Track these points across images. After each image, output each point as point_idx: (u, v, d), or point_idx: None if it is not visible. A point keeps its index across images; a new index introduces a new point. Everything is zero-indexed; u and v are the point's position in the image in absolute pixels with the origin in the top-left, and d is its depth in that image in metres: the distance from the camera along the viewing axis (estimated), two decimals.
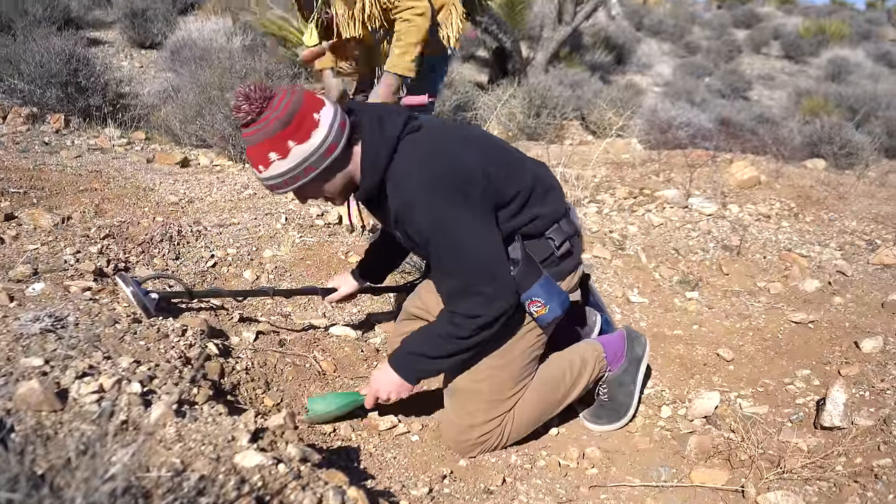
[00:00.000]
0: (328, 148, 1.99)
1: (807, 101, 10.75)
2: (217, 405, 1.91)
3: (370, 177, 2.09)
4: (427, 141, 2.12)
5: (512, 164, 2.24)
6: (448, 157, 2.09)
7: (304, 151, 1.97)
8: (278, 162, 1.97)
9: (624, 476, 2.34)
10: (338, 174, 2.08)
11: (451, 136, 2.20)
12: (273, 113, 1.94)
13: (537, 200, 2.24)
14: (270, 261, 3.31)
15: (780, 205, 4.73)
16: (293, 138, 1.95)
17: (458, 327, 2.11)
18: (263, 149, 1.96)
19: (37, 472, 1.25)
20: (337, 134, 2.00)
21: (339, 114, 2.03)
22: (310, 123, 1.96)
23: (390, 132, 2.08)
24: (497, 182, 2.13)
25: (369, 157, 2.07)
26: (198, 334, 2.42)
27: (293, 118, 1.94)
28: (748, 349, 3.04)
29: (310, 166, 1.99)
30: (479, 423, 2.33)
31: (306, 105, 1.97)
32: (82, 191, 3.73)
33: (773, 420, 2.57)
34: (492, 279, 2.08)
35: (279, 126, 1.93)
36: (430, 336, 2.19)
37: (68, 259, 2.79)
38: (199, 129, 5.22)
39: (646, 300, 3.49)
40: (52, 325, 2.10)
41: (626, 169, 5.36)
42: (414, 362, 2.22)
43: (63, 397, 1.71)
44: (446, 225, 2.03)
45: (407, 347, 2.24)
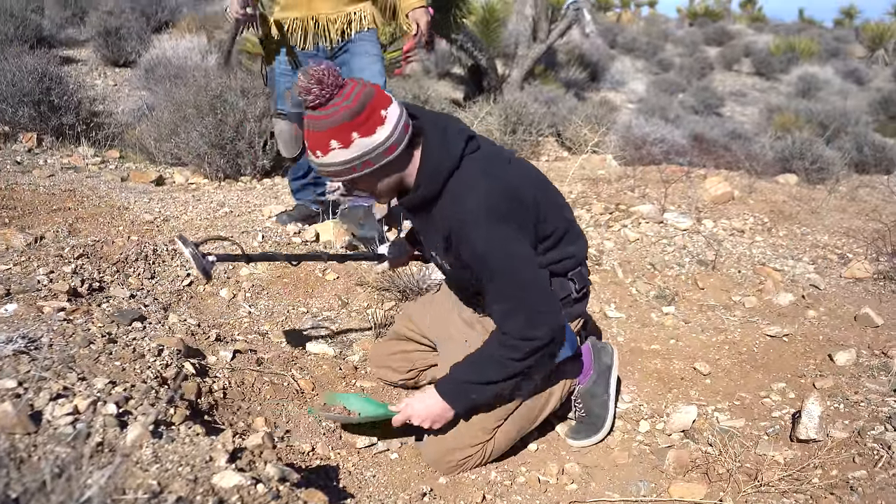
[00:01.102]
0: (389, 147, 1.98)
1: (778, 117, 10.90)
2: (194, 425, 1.89)
3: (428, 187, 2.08)
4: (487, 163, 2.12)
5: (554, 201, 2.30)
6: (508, 182, 2.10)
7: (367, 145, 1.95)
8: (339, 151, 1.96)
9: (603, 491, 2.35)
10: (393, 174, 2.07)
11: (507, 161, 2.22)
12: (343, 101, 1.92)
13: (570, 241, 2.30)
14: (247, 279, 3.29)
15: (753, 219, 4.79)
16: (358, 130, 1.93)
17: (513, 349, 2.08)
18: (326, 136, 1.94)
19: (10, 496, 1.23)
20: (400, 135, 2.00)
21: (405, 115, 2.03)
22: (377, 119, 1.95)
23: (455, 148, 2.08)
24: (543, 214, 2.17)
25: (430, 167, 2.07)
26: (174, 354, 2.40)
27: (362, 110, 1.93)
28: (724, 363, 3.07)
29: (369, 161, 1.98)
30: (463, 447, 2.33)
31: (376, 100, 1.96)
32: (55, 210, 3.70)
33: (749, 433, 2.59)
34: (545, 303, 2.09)
35: (347, 116, 1.92)
36: (481, 361, 2.15)
37: (41, 279, 2.76)
38: (175, 147, 5.20)
39: (623, 315, 3.51)
40: (26, 347, 2.07)
41: (602, 185, 5.40)
42: (465, 390, 2.18)
43: (37, 419, 1.68)
44: (504, 248, 2.04)
45: (455, 375, 2.19)
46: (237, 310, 3.12)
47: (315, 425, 2.45)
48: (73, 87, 5.84)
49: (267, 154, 5.11)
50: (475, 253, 2.05)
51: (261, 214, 4.07)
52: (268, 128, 5.08)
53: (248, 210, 4.16)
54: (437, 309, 2.62)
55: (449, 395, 2.19)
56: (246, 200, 4.38)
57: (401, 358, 2.73)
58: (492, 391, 2.18)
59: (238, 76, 5.61)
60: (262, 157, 5.11)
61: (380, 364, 2.79)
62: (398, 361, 2.74)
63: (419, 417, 2.21)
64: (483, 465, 2.40)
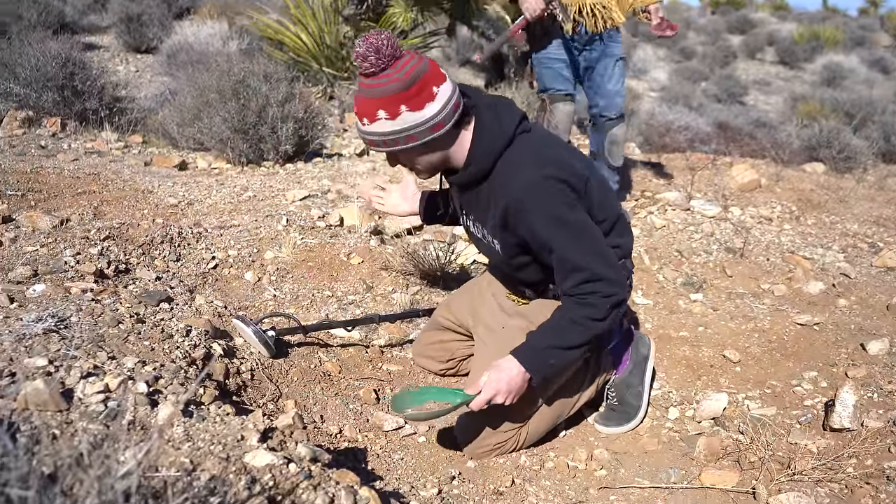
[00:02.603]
0: (436, 124, 1.97)
1: (803, 106, 10.76)
2: (224, 405, 1.89)
3: (479, 164, 2.07)
4: (540, 142, 2.12)
5: (606, 187, 2.29)
6: (562, 159, 2.08)
7: (413, 120, 1.94)
8: (385, 121, 1.95)
9: (633, 478, 2.32)
10: (437, 151, 2.06)
11: (560, 142, 2.21)
12: (397, 73, 1.90)
13: (619, 232, 2.28)
14: (272, 262, 3.29)
15: (781, 208, 4.73)
16: (407, 104, 1.92)
17: (594, 308, 2.04)
18: (375, 104, 1.93)
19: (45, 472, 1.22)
20: (448, 114, 1.98)
21: (457, 95, 2.01)
22: (427, 94, 1.94)
23: (507, 126, 2.07)
24: (596, 198, 2.15)
25: (483, 145, 2.06)
26: (202, 335, 2.39)
27: (414, 84, 1.91)
28: (754, 351, 3.03)
29: (412, 136, 1.96)
30: (498, 432, 2.31)
31: (430, 75, 1.94)
32: (80, 193, 3.70)
33: (781, 421, 2.55)
34: (612, 266, 2.07)
35: (399, 87, 1.90)
36: (561, 325, 2.11)
37: (68, 260, 2.77)
38: (197, 133, 5.19)
39: (650, 302, 3.48)
40: (55, 326, 2.07)
41: (626, 172, 5.35)
42: (545, 356, 2.11)
43: (68, 397, 1.68)
44: (565, 221, 2.02)
45: (533, 342, 2.13)
46: (262, 293, 3.11)
47: (342, 407, 2.44)
48: (96, 72, 5.86)
49: (290, 139, 5.09)
50: (536, 225, 2.02)
51: (284, 199, 4.06)
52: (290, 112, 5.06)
53: (272, 195, 4.15)
54: (476, 298, 2.60)
55: (530, 363, 2.10)
56: (269, 185, 4.37)
57: (440, 348, 2.72)
58: (570, 357, 2.13)
59: (260, 61, 5.59)
60: (285, 143, 5.09)
61: (420, 354, 2.79)
62: (437, 351, 2.73)
63: (503, 394, 2.11)
64: (516, 451, 2.39)
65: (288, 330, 2.64)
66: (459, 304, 2.65)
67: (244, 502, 1.35)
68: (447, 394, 2.23)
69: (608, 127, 4.07)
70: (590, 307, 2.05)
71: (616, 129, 4.07)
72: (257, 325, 2.50)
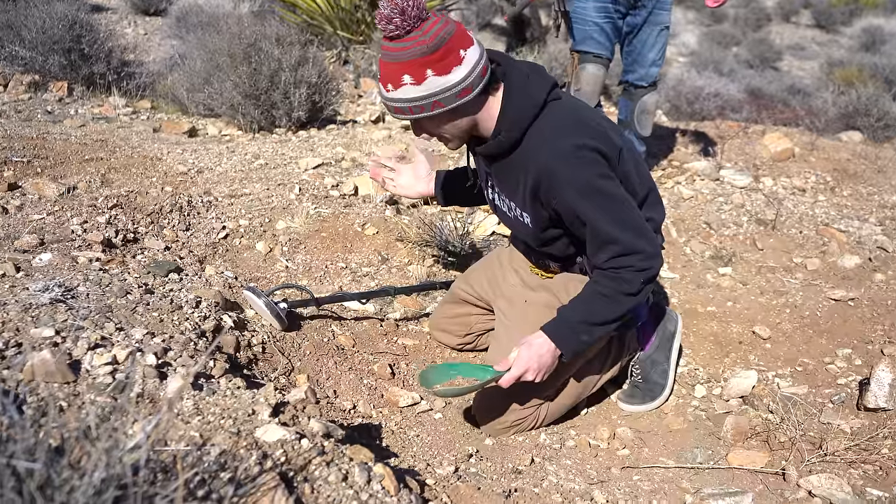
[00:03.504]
0: (463, 89, 1.93)
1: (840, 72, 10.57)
2: (235, 378, 1.89)
3: (509, 133, 2.04)
4: (572, 110, 2.08)
5: (639, 160, 2.26)
6: (596, 127, 2.05)
7: (439, 85, 1.91)
8: (410, 87, 1.92)
9: (657, 457, 2.32)
10: (464, 118, 2.03)
11: (593, 110, 2.18)
12: (422, 36, 1.87)
13: (651, 205, 2.25)
14: (284, 232, 3.28)
15: (815, 178, 4.67)
16: (433, 68, 1.89)
17: (627, 283, 2.03)
18: (400, 69, 1.90)
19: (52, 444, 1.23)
20: (476, 79, 1.94)
21: (484, 59, 1.97)
22: (454, 58, 1.90)
23: (538, 93, 2.04)
24: (628, 167, 2.13)
25: (512, 112, 2.03)
26: (212, 306, 2.40)
27: (441, 47, 1.88)
28: (785, 327, 3.00)
29: (439, 101, 1.93)
30: (518, 409, 2.31)
31: (456, 38, 1.91)
32: (88, 160, 3.71)
33: (813, 401, 2.53)
34: (647, 238, 2.05)
35: (425, 51, 1.87)
36: (593, 300, 2.09)
37: (75, 229, 2.77)
38: (207, 98, 5.18)
39: (676, 276, 3.45)
40: (62, 296, 2.08)
41: (653, 140, 5.29)
42: (577, 331, 2.10)
43: (76, 369, 1.69)
44: (600, 191, 1.99)
45: (565, 317, 2.12)
46: (274, 264, 3.11)
47: (356, 382, 2.45)
48: (103, 35, 5.84)
49: (303, 105, 5.07)
50: (569, 196, 1.99)
51: (297, 167, 4.04)
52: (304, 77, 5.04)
53: (284, 162, 4.14)
54: (496, 270, 2.59)
55: (561, 339, 2.10)
56: (281, 153, 4.36)
57: (458, 321, 2.71)
58: (601, 332, 2.13)
59: (272, 24, 5.56)
60: (298, 109, 5.07)
61: (437, 327, 2.78)
62: (455, 325, 2.72)
63: (534, 371, 2.10)
64: (535, 428, 2.39)
65: (300, 302, 2.64)
66: (479, 277, 2.64)
67: (255, 478, 1.35)
68: (476, 370, 2.23)
69: (639, 95, 4.01)
70: (623, 281, 2.03)
71: (647, 97, 4.01)
72: (269, 297, 2.50)
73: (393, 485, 1.54)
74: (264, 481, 1.33)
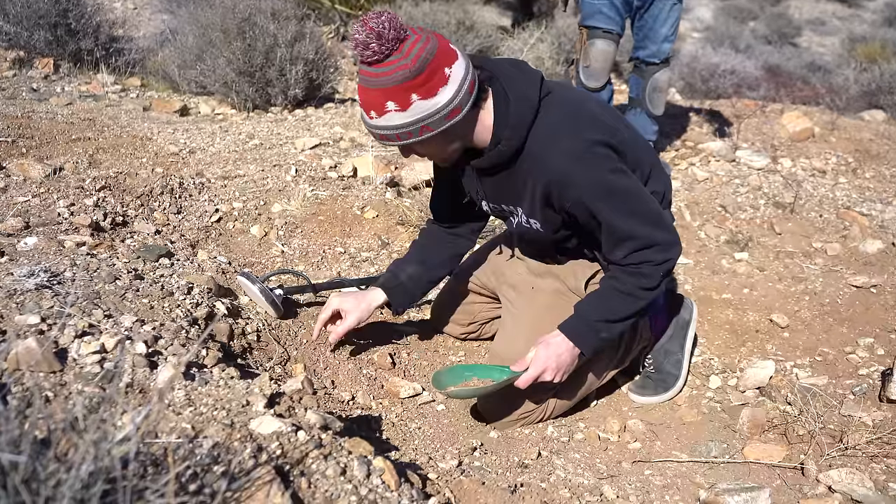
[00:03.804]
0: (452, 110, 1.88)
1: (862, 48, 10.54)
2: (228, 368, 1.89)
3: (509, 141, 1.99)
4: (568, 104, 2.04)
5: (637, 137, 2.24)
6: (596, 118, 2.03)
7: (426, 108, 1.85)
8: (395, 113, 1.86)
9: (670, 451, 2.31)
10: (456, 138, 1.99)
11: (585, 98, 2.15)
12: (403, 59, 1.80)
13: (656, 179, 2.22)
14: (280, 216, 3.27)
15: (836, 159, 4.65)
16: (418, 92, 1.83)
17: (647, 277, 2.03)
18: (383, 96, 1.84)
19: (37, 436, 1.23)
20: (464, 97, 1.88)
21: (471, 72, 1.91)
22: (439, 78, 1.84)
23: (531, 93, 1.99)
24: (632, 150, 2.10)
25: (509, 121, 1.97)
26: (205, 292, 2.39)
27: (424, 69, 1.81)
28: (804, 315, 3.00)
29: (427, 126, 1.88)
30: (525, 401, 2.31)
31: (440, 56, 1.84)
32: (75, 140, 3.70)
33: (833, 392, 2.53)
34: (664, 227, 2.04)
35: (407, 75, 1.80)
36: (612, 297, 2.09)
37: (62, 212, 2.77)
38: (200, 75, 5.16)
39: (691, 261, 3.44)
40: (48, 281, 2.07)
41: (666, 120, 5.27)
42: (596, 330, 2.10)
43: (62, 357, 1.68)
44: (614, 189, 1.97)
45: (583, 315, 2.12)
46: (269, 248, 3.11)
47: (355, 372, 2.44)
48: (91, 9, 5.81)
49: (299, 83, 5.05)
50: (584, 198, 1.97)
51: (293, 147, 4.03)
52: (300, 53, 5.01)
53: (280, 143, 4.12)
54: (498, 258, 2.58)
55: (580, 339, 2.10)
56: (277, 132, 4.35)
57: (461, 310, 2.70)
58: (621, 329, 2.13)
59: None
60: (294, 86, 5.05)
61: (440, 317, 2.76)
62: (458, 314, 2.71)
63: (553, 371, 2.11)
64: (543, 421, 2.39)
65: (297, 288, 2.64)
66: (482, 264, 2.62)
67: (249, 472, 1.34)
68: (491, 370, 2.23)
69: (651, 72, 3.98)
70: (642, 276, 2.03)
71: (660, 74, 3.99)
72: (264, 283, 2.49)
73: (394, 479, 1.53)
74: (259, 475, 1.32)
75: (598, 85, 3.92)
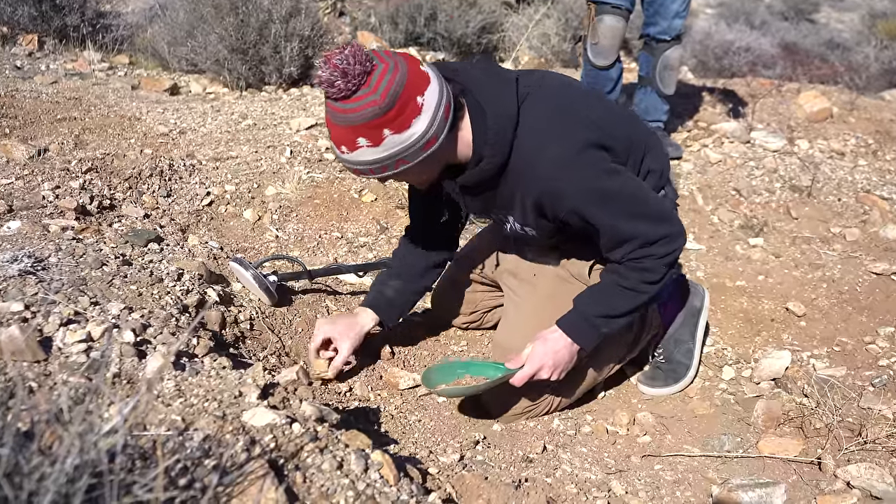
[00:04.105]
0: (428, 141, 1.83)
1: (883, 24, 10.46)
2: (220, 358, 1.88)
3: (493, 157, 1.95)
4: (548, 105, 1.99)
5: (623, 114, 2.21)
6: (579, 114, 1.99)
7: (400, 142, 1.80)
8: (367, 149, 1.81)
9: (681, 445, 2.31)
10: (435, 166, 1.95)
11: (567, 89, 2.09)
12: (372, 94, 1.74)
13: (652, 155, 2.18)
14: (274, 199, 3.27)
15: (855, 141, 4.63)
16: (390, 127, 1.78)
17: (650, 272, 2.02)
18: (353, 132, 1.79)
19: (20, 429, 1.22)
20: (440, 125, 1.83)
21: (445, 94, 1.84)
22: (412, 110, 1.78)
23: (508, 99, 1.94)
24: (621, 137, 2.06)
25: (489, 135, 1.93)
26: (195, 279, 2.39)
27: (395, 104, 1.75)
28: (822, 303, 2.99)
29: (402, 159, 1.84)
30: (530, 394, 2.30)
31: (410, 85, 1.77)
32: (60, 120, 3.69)
33: (852, 384, 2.52)
34: (666, 220, 2.02)
35: (377, 112, 1.75)
36: (613, 292, 2.08)
37: (47, 195, 2.76)
38: (190, 52, 5.14)
39: (703, 247, 3.44)
40: (32, 267, 2.07)
41: (677, 99, 5.25)
42: (596, 325, 2.10)
43: (47, 346, 1.68)
44: (609, 193, 1.95)
45: (582, 311, 2.11)
46: (263, 233, 3.10)
47: None
48: None
49: (295, 60, 5.03)
50: (579, 206, 1.95)
51: (288, 128, 4.02)
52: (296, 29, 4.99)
53: (274, 123, 4.11)
54: (495, 245, 2.56)
55: (579, 335, 2.10)
56: (271, 112, 4.33)
57: (462, 299, 2.70)
58: (623, 323, 2.13)
59: None
60: (289, 64, 5.03)
61: (441, 305, 2.76)
62: (459, 303, 2.70)
63: (549, 369, 2.11)
64: (549, 414, 2.38)
65: (292, 275, 2.63)
66: (481, 253, 2.61)
67: (242, 465, 1.34)
68: (485, 368, 2.22)
69: (662, 49, 3.96)
70: (644, 271, 2.02)
71: (671, 51, 3.96)
72: (257, 270, 2.48)
73: (392, 473, 1.53)
74: (252, 469, 1.32)
75: (607, 63, 3.90)
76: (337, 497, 1.37)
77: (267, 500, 1.26)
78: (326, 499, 1.35)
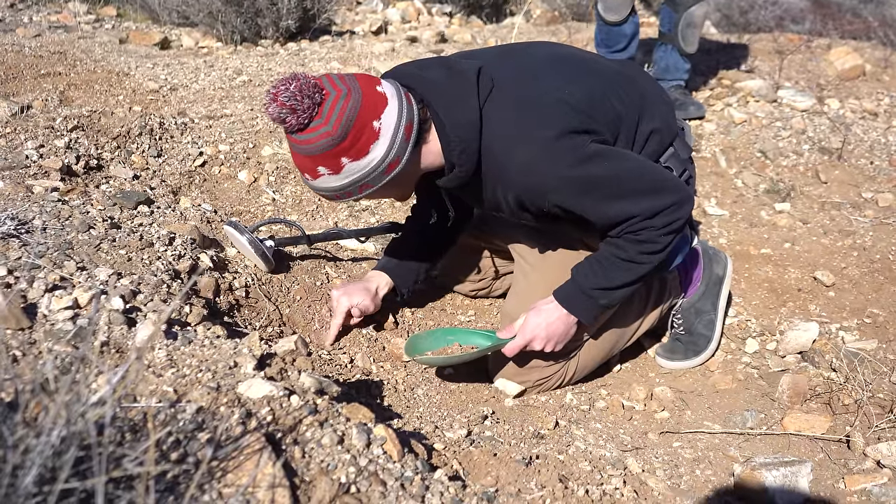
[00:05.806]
0: (389, 164, 1.87)
1: None
2: (214, 326, 1.89)
3: (463, 166, 1.96)
4: (513, 96, 1.96)
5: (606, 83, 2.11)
6: (548, 96, 1.96)
7: (360, 169, 1.85)
8: (329, 177, 1.86)
9: (701, 421, 2.31)
10: (405, 182, 1.98)
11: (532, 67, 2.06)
12: (324, 126, 1.78)
13: (650, 113, 2.14)
14: (271, 160, 3.25)
15: (889, 100, 4.59)
16: (347, 155, 1.82)
17: (651, 242, 2.01)
18: (312, 162, 1.84)
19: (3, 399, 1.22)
20: (401, 146, 1.86)
21: (405, 113, 1.86)
22: (369, 136, 1.82)
23: (469, 100, 1.93)
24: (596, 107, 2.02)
25: (456, 144, 1.93)
26: (188, 243, 2.38)
27: (349, 132, 1.79)
28: (852, 272, 2.98)
29: (366, 184, 1.88)
30: (541, 367, 2.30)
31: (365, 110, 1.81)
32: (44, 75, 3.68)
33: (883, 357, 2.51)
34: (665, 189, 1.99)
35: (331, 143, 1.79)
36: (611, 263, 2.08)
37: (30, 154, 2.75)
38: (182, 4, 5.12)
39: (726, 212, 3.42)
40: (16, 230, 2.06)
41: (700, 55, 5.21)
42: (594, 297, 2.10)
43: (31, 313, 1.68)
44: (594, 180, 1.94)
45: (579, 282, 2.11)
46: (259, 196, 3.09)
47: (354, 332, 2.43)
48: None
49: (292, 13, 4.99)
50: (562, 199, 1.96)
51: None
52: None
53: (270, 79, 4.09)
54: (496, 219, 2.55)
55: (575, 306, 2.11)
56: (267, 68, 4.31)
57: (470, 266, 2.70)
58: (624, 294, 2.12)
59: None
60: (287, 17, 5.00)
61: (447, 273, 2.75)
62: (467, 270, 2.71)
63: (541, 340, 2.13)
64: (561, 387, 2.38)
65: (290, 240, 2.62)
66: (487, 219, 2.59)
67: (237, 439, 1.34)
68: (475, 336, 2.23)
69: (686, 5, 3.91)
70: (644, 243, 2.01)
71: (696, 8, 3.91)
72: (253, 234, 2.47)
73: (396, 449, 1.53)
74: (248, 443, 1.32)
75: (619, 18, 3.86)
76: (338, 473, 1.36)
77: (264, 475, 1.26)
78: (326, 474, 1.35)
